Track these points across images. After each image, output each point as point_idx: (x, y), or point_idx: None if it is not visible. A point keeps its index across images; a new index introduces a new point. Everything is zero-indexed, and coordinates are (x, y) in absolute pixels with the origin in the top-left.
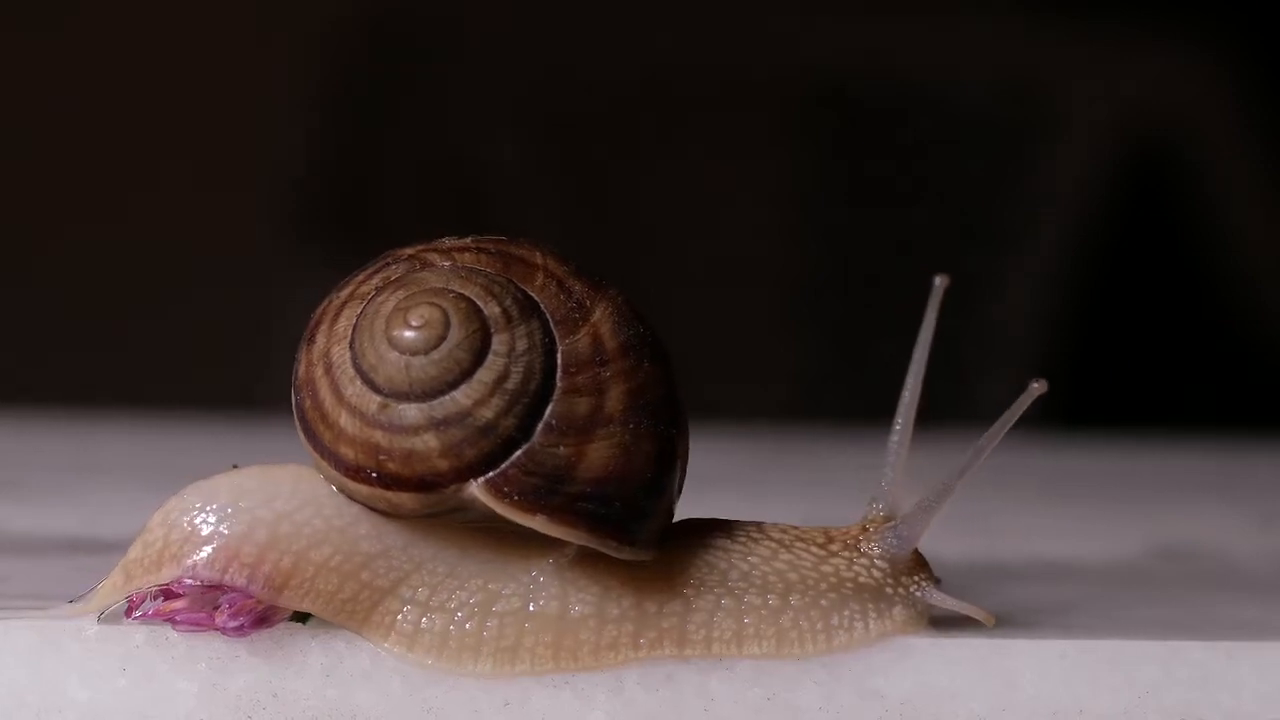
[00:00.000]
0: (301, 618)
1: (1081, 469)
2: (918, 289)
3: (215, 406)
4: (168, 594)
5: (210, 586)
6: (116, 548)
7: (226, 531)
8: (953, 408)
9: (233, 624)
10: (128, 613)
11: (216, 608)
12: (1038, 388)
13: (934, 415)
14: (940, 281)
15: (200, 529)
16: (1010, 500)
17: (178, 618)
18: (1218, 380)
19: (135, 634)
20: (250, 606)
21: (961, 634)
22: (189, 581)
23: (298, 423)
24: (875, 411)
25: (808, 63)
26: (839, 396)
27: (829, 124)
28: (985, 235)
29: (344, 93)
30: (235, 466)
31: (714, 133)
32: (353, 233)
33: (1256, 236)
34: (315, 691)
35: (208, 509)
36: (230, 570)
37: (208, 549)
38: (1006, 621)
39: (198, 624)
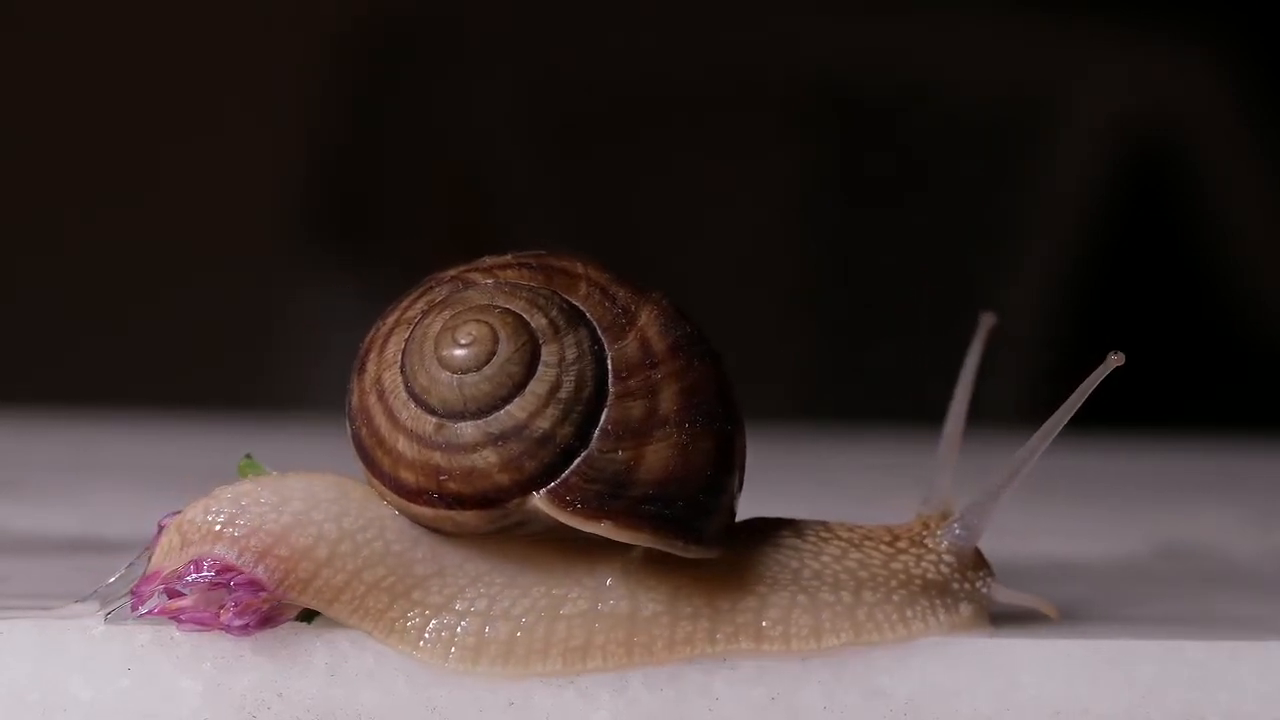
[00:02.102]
0: (306, 617)
1: (1082, 468)
2: (918, 289)
3: (216, 406)
4: (172, 592)
5: (217, 584)
6: (117, 547)
7: (293, 541)
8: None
9: (238, 622)
10: (133, 608)
11: (222, 606)
12: (1115, 359)
13: (934, 415)
14: (986, 320)
15: (267, 528)
16: (1011, 499)
17: (182, 616)
18: (1218, 379)
19: (139, 633)
20: (256, 605)
21: (964, 633)
22: (206, 574)
23: (356, 452)
24: (875, 411)
25: (808, 63)
26: (839, 396)
27: (829, 124)
28: (985, 235)
29: (345, 93)
30: (249, 455)
31: (714, 133)
32: (353, 233)
33: (1257, 236)
34: (320, 691)
35: (281, 510)
36: (285, 582)
37: (268, 553)
38: (1009, 621)
39: (202, 623)
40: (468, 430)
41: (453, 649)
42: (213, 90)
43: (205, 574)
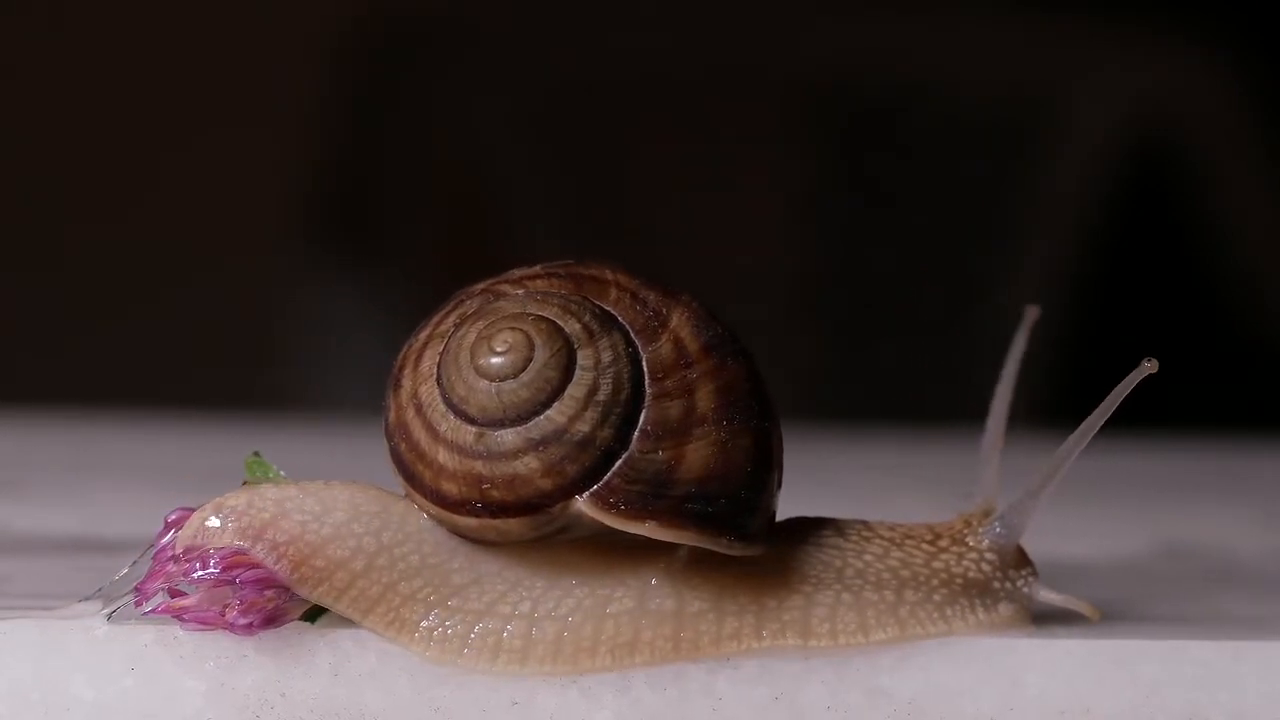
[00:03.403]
0: (311, 617)
1: (1085, 468)
2: (919, 289)
3: (217, 406)
4: (175, 591)
5: (222, 581)
6: (119, 547)
7: (330, 552)
8: (956, 407)
9: (242, 621)
10: (136, 604)
11: (226, 605)
12: (1149, 365)
13: (936, 414)
14: (1030, 313)
15: (307, 538)
16: (1018, 497)
17: (185, 615)
18: (1221, 379)
19: (143, 633)
20: (260, 604)
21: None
22: (212, 571)
23: (396, 468)
24: (876, 411)
25: (810, 63)
26: (840, 396)
27: (831, 124)
28: (987, 235)
29: (345, 94)
30: (256, 453)
31: (716, 134)
32: (353, 233)
33: (1258, 236)
34: (323, 691)
35: (324, 520)
36: (319, 590)
37: (304, 563)
38: None
39: (206, 622)
40: (508, 437)
41: (500, 653)
42: (213, 90)
43: (211, 570)
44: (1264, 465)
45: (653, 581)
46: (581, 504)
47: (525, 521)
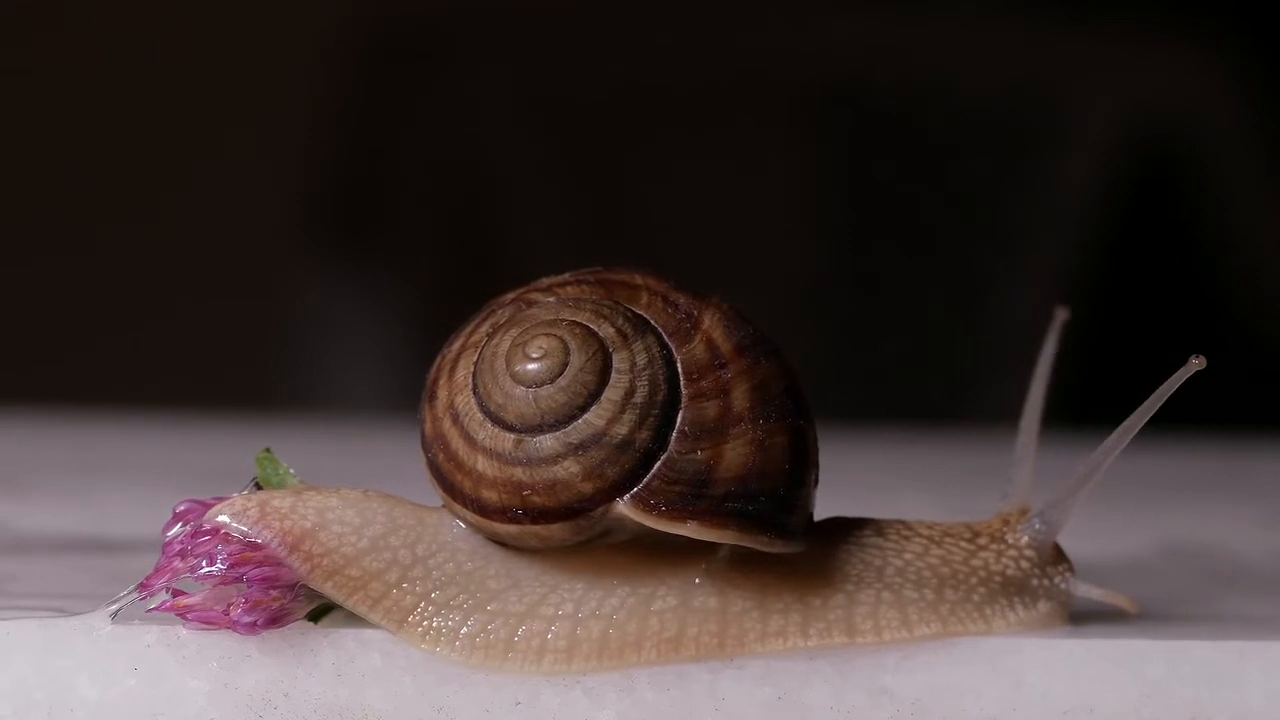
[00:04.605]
0: (314, 617)
1: None
2: (922, 289)
3: (220, 405)
4: (177, 590)
5: (229, 579)
6: (124, 547)
7: (365, 564)
8: (959, 407)
9: (247, 619)
10: (142, 599)
11: (231, 604)
12: (1196, 363)
13: (939, 415)
14: (1060, 314)
15: (344, 550)
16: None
17: (189, 615)
18: (1225, 378)
19: (146, 633)
20: (265, 604)
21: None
22: (219, 568)
23: (434, 479)
24: (880, 410)
25: (816, 64)
26: (844, 395)
27: (837, 124)
28: (991, 235)
29: (348, 94)
30: (268, 450)
31: (721, 134)
32: (355, 233)
33: (1262, 235)
34: (326, 691)
35: (362, 534)
36: (353, 599)
37: (338, 572)
38: None
39: (209, 621)
40: (547, 443)
41: (546, 654)
42: (215, 91)
43: (219, 567)
44: (1271, 465)
45: (695, 581)
46: (623, 506)
47: (567, 526)
